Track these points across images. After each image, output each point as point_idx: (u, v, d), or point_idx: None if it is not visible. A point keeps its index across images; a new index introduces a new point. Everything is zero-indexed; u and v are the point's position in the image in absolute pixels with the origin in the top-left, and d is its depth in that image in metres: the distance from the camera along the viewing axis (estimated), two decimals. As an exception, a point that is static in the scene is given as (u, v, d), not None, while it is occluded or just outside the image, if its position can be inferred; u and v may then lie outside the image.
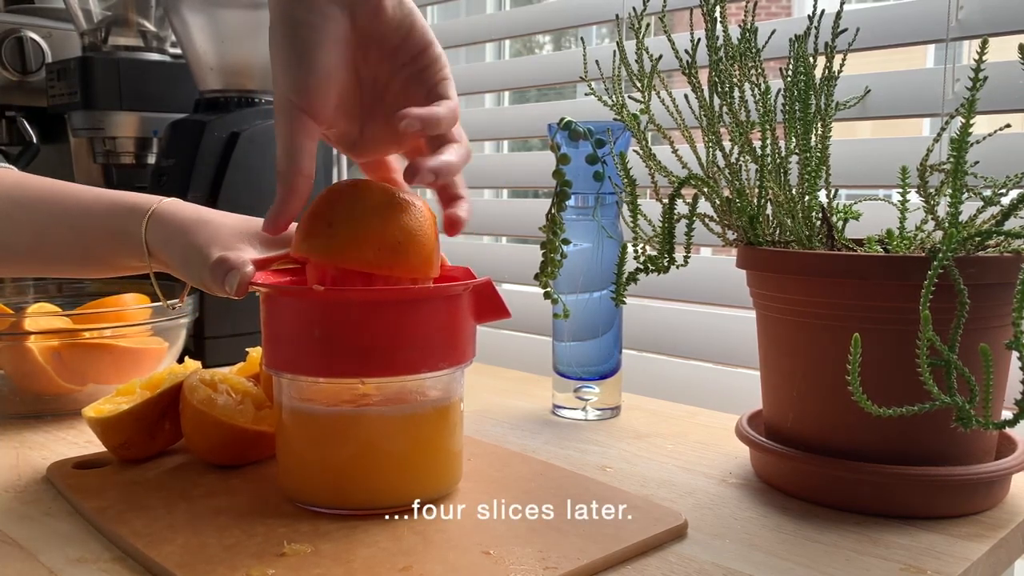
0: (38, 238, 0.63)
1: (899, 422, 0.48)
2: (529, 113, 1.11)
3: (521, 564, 0.44)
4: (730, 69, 0.58)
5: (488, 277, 0.52)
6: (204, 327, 0.91)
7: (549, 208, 0.65)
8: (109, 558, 0.46)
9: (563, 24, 1.05)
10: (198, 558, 0.44)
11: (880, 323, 0.50)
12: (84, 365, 0.72)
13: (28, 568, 0.44)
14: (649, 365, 0.95)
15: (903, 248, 0.54)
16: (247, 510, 0.50)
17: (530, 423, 0.73)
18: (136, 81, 1.05)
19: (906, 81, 0.75)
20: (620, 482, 0.58)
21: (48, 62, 1.14)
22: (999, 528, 0.51)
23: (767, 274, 0.56)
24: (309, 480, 0.51)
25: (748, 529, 0.51)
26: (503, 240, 1.28)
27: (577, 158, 0.69)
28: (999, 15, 0.69)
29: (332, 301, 0.48)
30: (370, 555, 0.44)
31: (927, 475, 0.51)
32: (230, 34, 0.96)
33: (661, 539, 0.48)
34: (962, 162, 0.47)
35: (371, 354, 0.48)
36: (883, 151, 0.76)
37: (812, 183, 0.55)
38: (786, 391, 0.56)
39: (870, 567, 0.46)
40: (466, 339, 0.52)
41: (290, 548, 0.45)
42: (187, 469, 0.57)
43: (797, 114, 0.56)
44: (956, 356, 0.46)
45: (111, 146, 1.05)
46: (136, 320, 0.74)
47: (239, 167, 0.92)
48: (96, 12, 1.07)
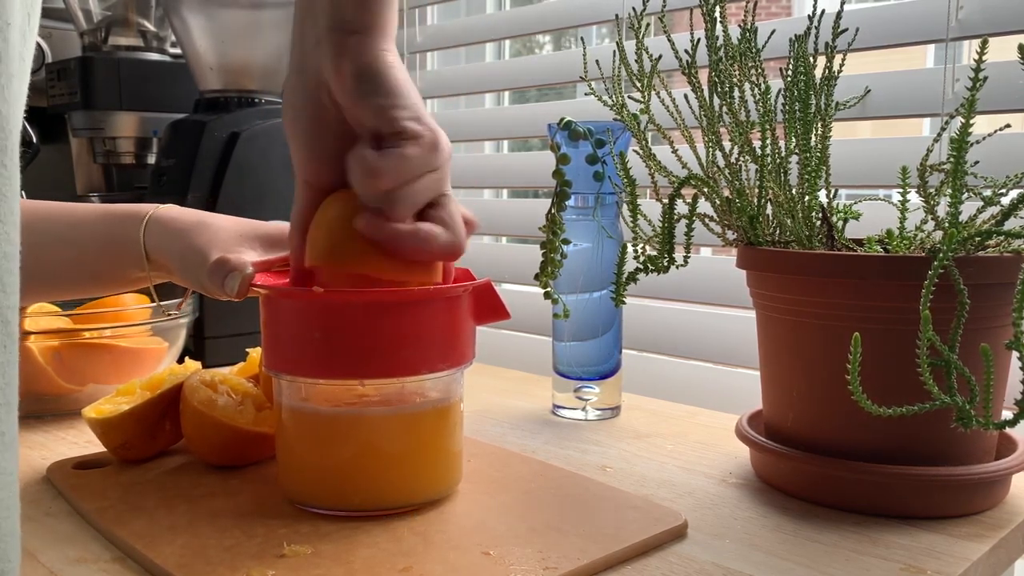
0: (35, 258, 0.62)
1: (899, 422, 0.48)
2: (529, 113, 1.11)
3: (521, 564, 0.44)
4: (730, 69, 0.58)
5: (488, 278, 0.52)
6: (204, 327, 0.91)
7: (549, 208, 0.65)
8: (109, 558, 0.46)
9: (563, 24, 1.04)
10: (198, 559, 0.44)
11: (880, 323, 0.50)
12: (84, 365, 0.72)
13: (28, 568, 0.44)
14: (649, 365, 0.95)
15: (903, 248, 0.54)
16: (247, 511, 0.50)
17: (530, 423, 0.73)
18: (136, 81, 1.05)
19: (906, 81, 0.75)
20: (620, 482, 0.58)
21: (48, 62, 1.14)
22: (999, 528, 0.51)
23: (767, 274, 0.56)
24: (309, 481, 0.51)
25: (748, 529, 0.50)
26: (503, 240, 1.28)
27: (577, 158, 0.69)
28: (999, 15, 0.69)
29: (332, 302, 0.48)
30: (370, 556, 0.44)
31: (927, 475, 0.51)
32: (230, 34, 0.96)
33: (661, 539, 0.48)
34: (962, 162, 0.47)
35: (371, 355, 0.48)
36: (883, 151, 0.76)
37: (812, 183, 0.55)
38: (786, 391, 0.56)
39: (870, 567, 0.46)
40: (466, 340, 0.52)
41: (290, 549, 0.45)
42: (187, 470, 0.57)
43: (797, 114, 0.56)
44: (956, 356, 0.46)
45: (111, 146, 1.05)
46: (136, 320, 0.74)
47: (239, 167, 0.92)
48: (96, 12, 1.07)
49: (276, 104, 0.99)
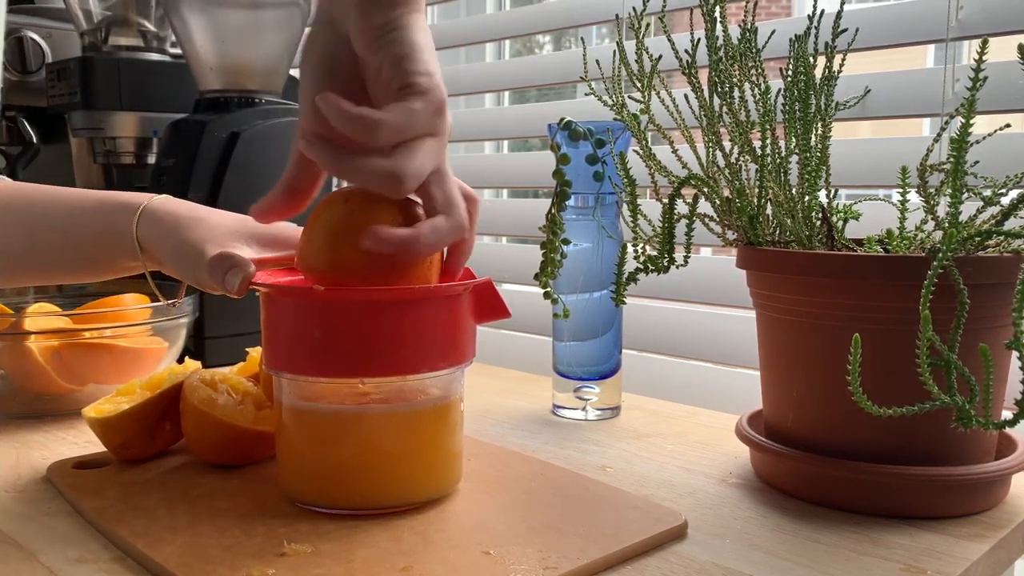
0: (28, 244, 0.62)
1: (899, 422, 0.48)
2: (529, 113, 1.11)
3: (521, 564, 0.44)
4: (730, 69, 0.58)
5: (488, 277, 0.52)
6: (204, 327, 0.91)
7: (549, 208, 0.65)
8: (109, 558, 0.46)
9: (563, 24, 1.05)
10: (198, 558, 0.44)
11: (880, 323, 0.50)
12: (84, 365, 0.72)
13: (28, 568, 0.44)
14: (649, 365, 0.95)
15: (903, 248, 0.54)
16: (247, 510, 0.50)
17: (530, 423, 0.73)
18: (136, 81, 1.05)
19: (906, 81, 0.75)
20: (620, 482, 0.58)
21: (48, 62, 1.14)
22: (999, 528, 0.51)
23: (766, 274, 0.56)
24: (309, 480, 0.51)
25: (748, 529, 0.51)
26: (503, 240, 1.28)
27: (577, 158, 0.69)
28: (999, 15, 0.69)
29: (332, 301, 0.48)
30: (370, 555, 0.44)
31: (927, 475, 0.51)
32: (230, 34, 0.96)
33: (661, 539, 0.48)
34: (962, 162, 0.47)
35: (371, 354, 0.48)
36: (883, 151, 0.76)
37: (812, 183, 0.55)
38: (786, 391, 0.56)
39: (870, 567, 0.46)
40: (466, 339, 0.52)
41: (290, 548, 0.45)
42: (187, 469, 0.57)
43: (797, 114, 0.56)
44: (956, 356, 0.46)
45: (111, 146, 1.05)
46: (136, 320, 0.74)
47: (239, 167, 0.92)
48: (96, 12, 1.08)
49: (276, 104, 0.99)
